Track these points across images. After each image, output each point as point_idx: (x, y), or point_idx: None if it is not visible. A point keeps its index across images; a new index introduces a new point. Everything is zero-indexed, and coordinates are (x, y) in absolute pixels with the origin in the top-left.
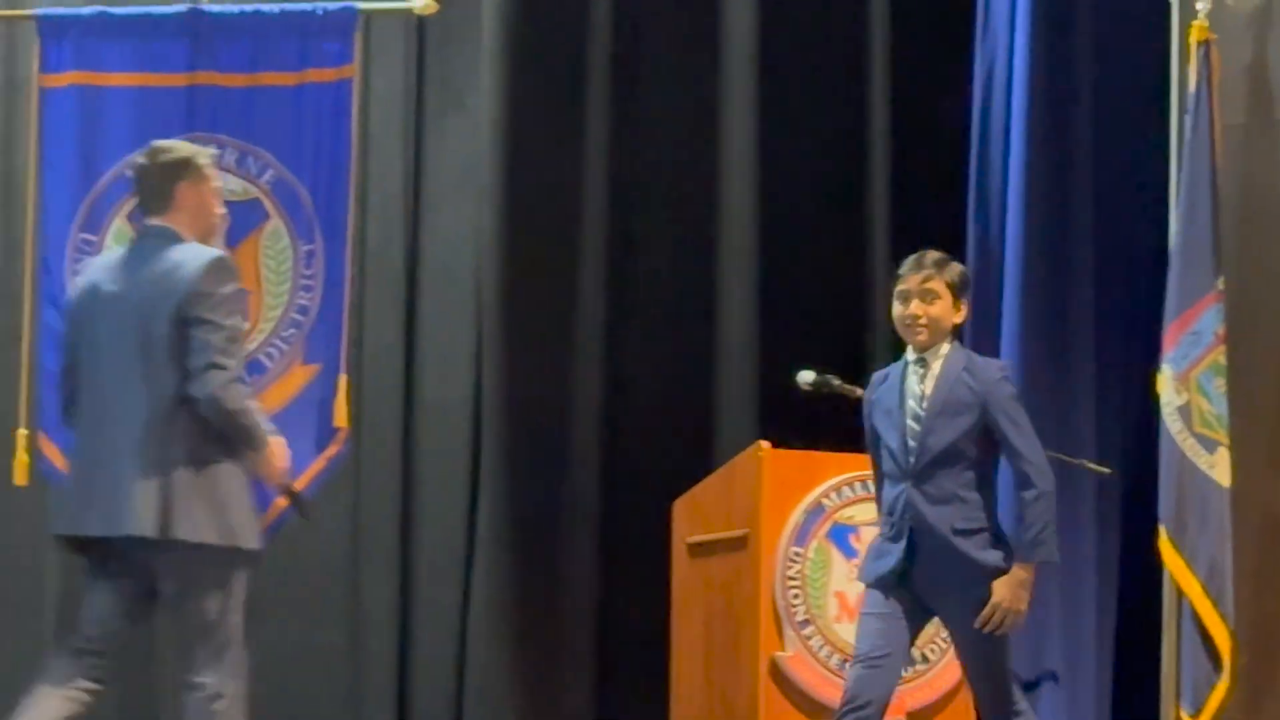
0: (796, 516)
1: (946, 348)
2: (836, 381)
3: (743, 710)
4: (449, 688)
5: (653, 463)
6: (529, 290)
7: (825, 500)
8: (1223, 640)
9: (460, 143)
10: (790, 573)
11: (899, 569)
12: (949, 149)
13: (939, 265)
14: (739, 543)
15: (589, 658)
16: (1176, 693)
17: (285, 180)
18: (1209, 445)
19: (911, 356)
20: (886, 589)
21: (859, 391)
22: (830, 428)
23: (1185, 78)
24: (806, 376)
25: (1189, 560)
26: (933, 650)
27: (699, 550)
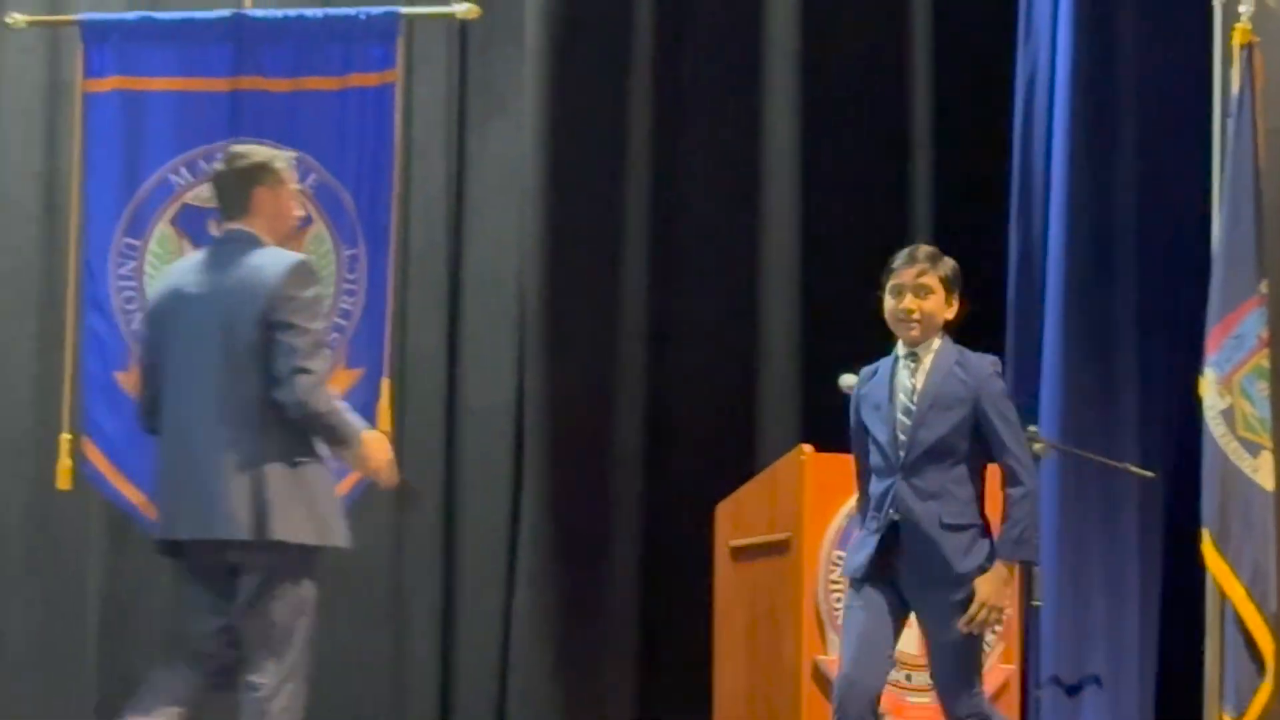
0: (839, 520)
1: (938, 342)
2: None
3: (785, 713)
4: (492, 691)
5: (695, 466)
6: (571, 294)
7: None
8: (1266, 643)
9: (503, 147)
10: (832, 576)
11: (876, 560)
12: (991, 152)
13: (932, 259)
14: (781, 546)
15: (631, 661)
16: (1219, 695)
17: (328, 185)
18: (1252, 449)
19: (902, 351)
20: (867, 581)
21: None
22: None
23: (1228, 81)
24: (848, 380)
25: (1232, 563)
26: None
27: (741, 554)
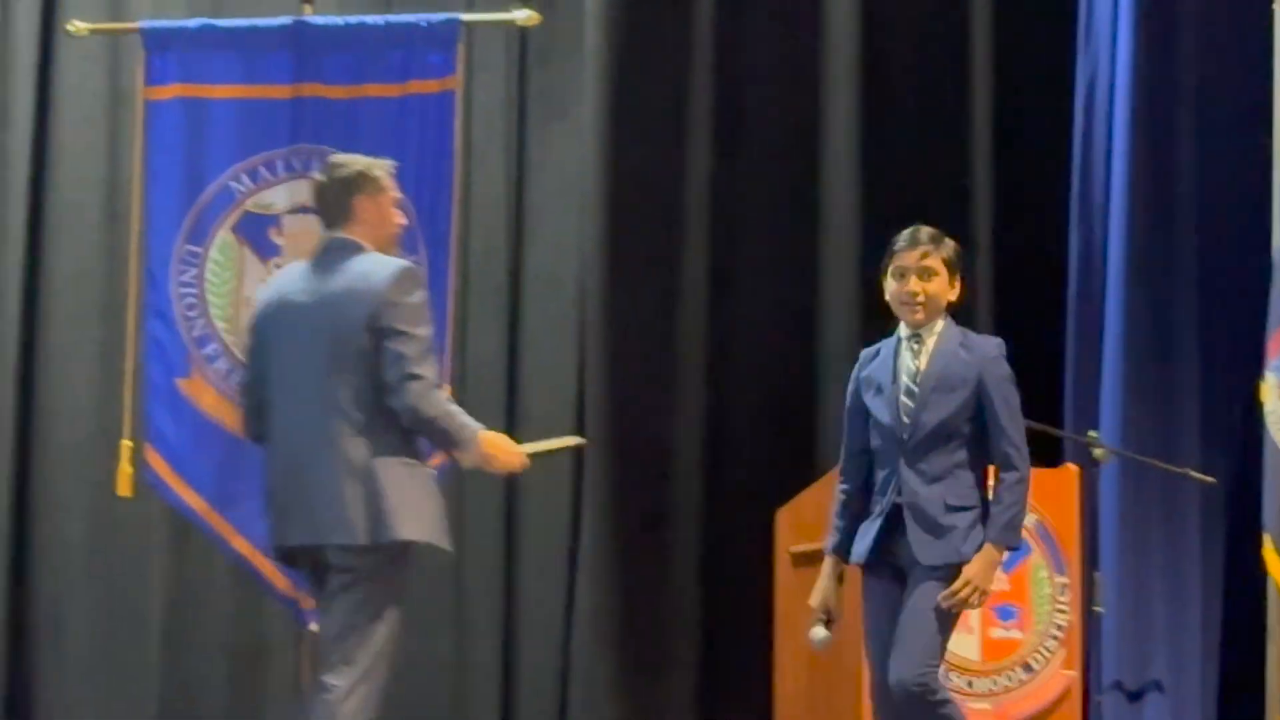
0: None
1: (941, 324)
2: None
3: (845, 718)
4: (553, 696)
5: (755, 472)
6: (632, 300)
7: None
8: None
9: (563, 153)
10: None
11: (879, 546)
12: (1052, 155)
13: (935, 241)
14: None
15: (692, 666)
16: None
17: None
18: None
19: (905, 332)
20: (874, 568)
21: None
22: None
23: None
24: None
25: None
26: (1036, 659)
27: (802, 560)
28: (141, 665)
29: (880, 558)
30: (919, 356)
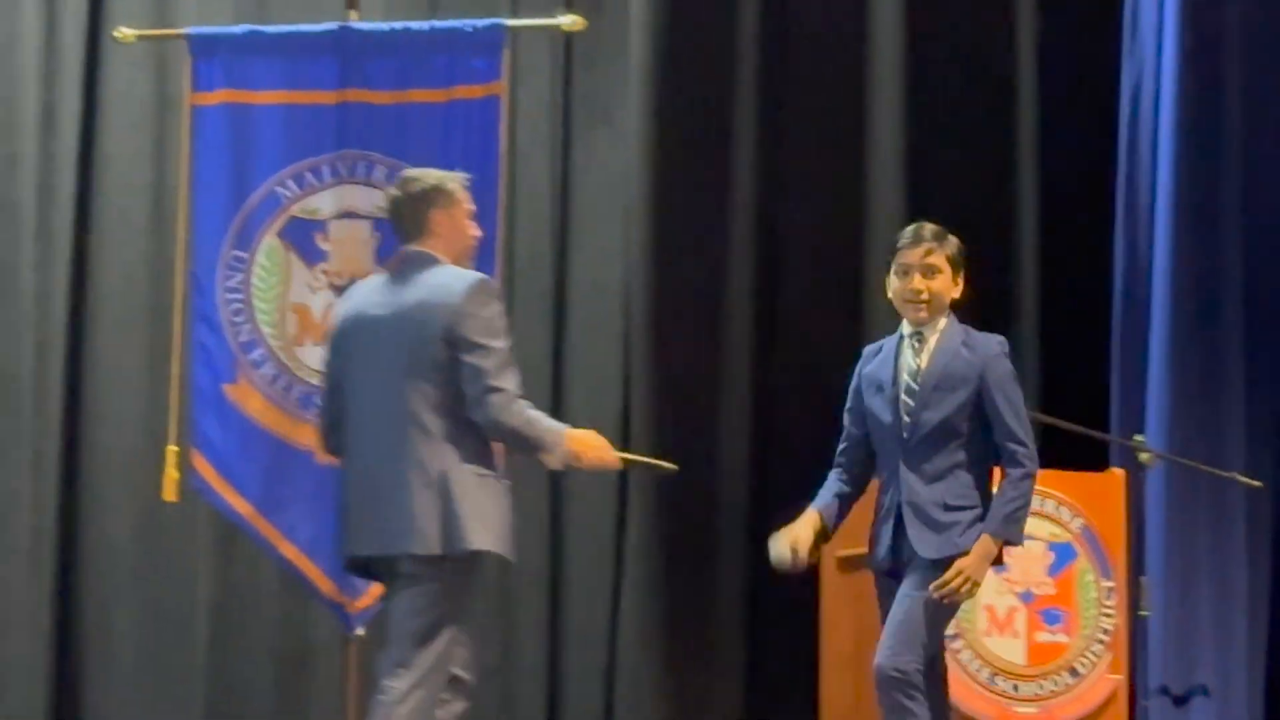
0: None
1: (944, 322)
2: None
3: None
4: (599, 699)
5: (802, 476)
6: (676, 305)
7: None
8: None
9: (608, 158)
10: None
11: (894, 550)
12: (1096, 162)
13: (939, 238)
14: None
15: (739, 670)
16: None
17: None
18: None
19: (907, 330)
20: (887, 574)
21: None
22: None
23: None
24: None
25: None
26: (1082, 663)
27: (848, 564)
28: (188, 669)
29: (895, 562)
30: (920, 355)
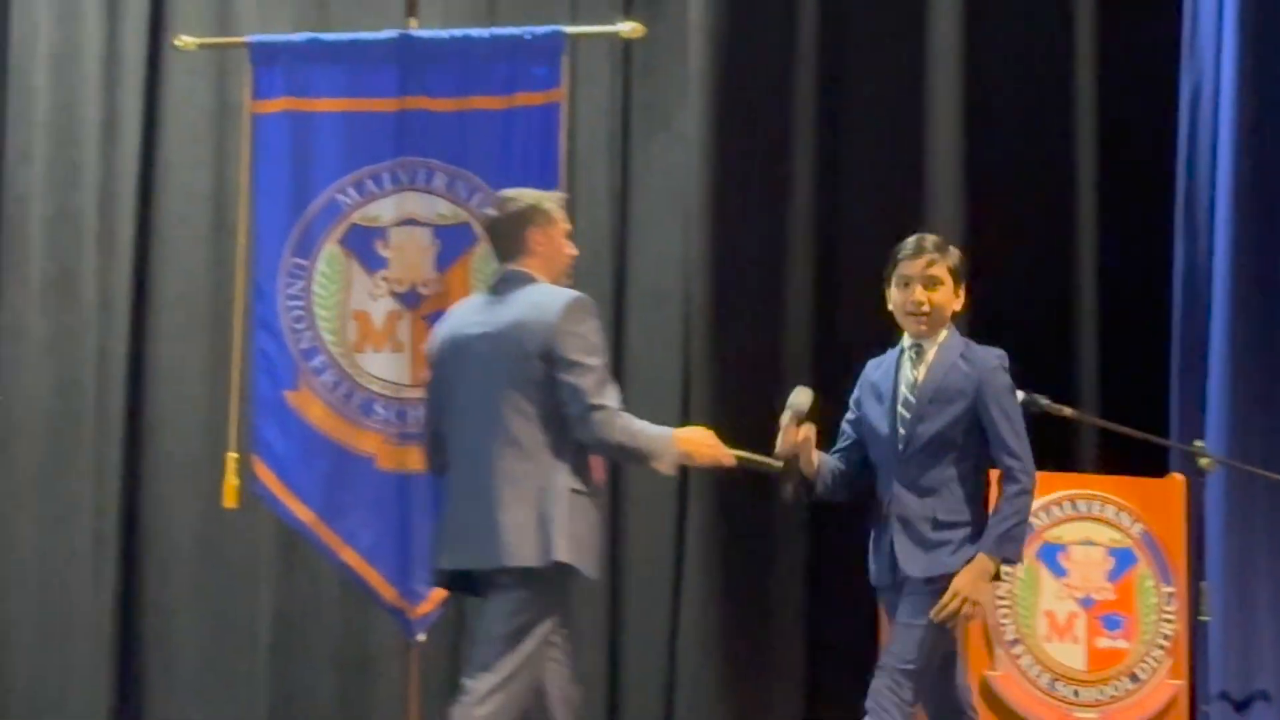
0: None
1: (944, 334)
2: (1044, 401)
3: None
4: (659, 706)
5: None
6: (736, 310)
7: (1034, 519)
8: None
9: (667, 164)
10: (999, 592)
11: (890, 568)
12: (1156, 167)
13: (941, 249)
14: None
15: (798, 676)
16: None
17: None
18: None
19: (907, 343)
20: (888, 588)
21: (1067, 411)
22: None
23: None
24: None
25: None
26: (1143, 669)
27: None
28: (249, 676)
29: (893, 578)
30: (918, 367)
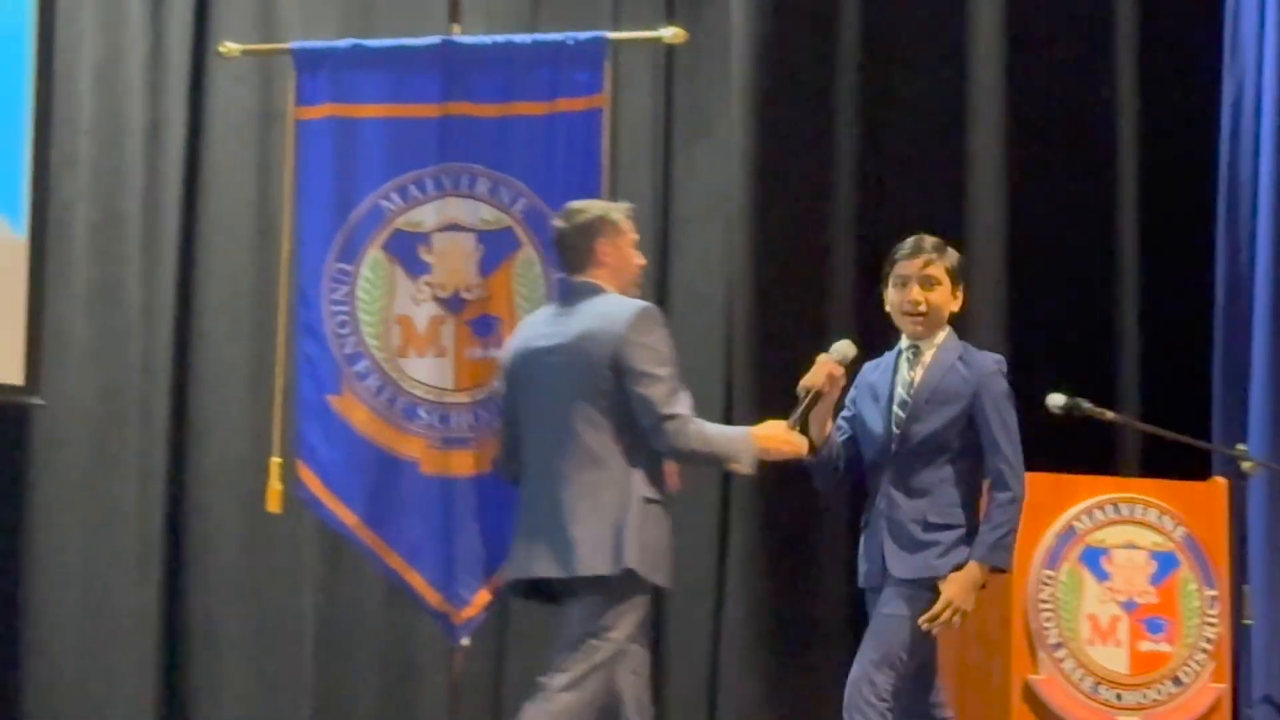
0: (1048, 539)
1: (942, 336)
2: (1087, 405)
3: None
4: (702, 706)
5: None
6: (779, 315)
7: (1077, 523)
8: None
9: (710, 170)
10: (1042, 596)
11: (882, 568)
12: (1199, 170)
13: (939, 250)
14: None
15: (842, 677)
16: None
17: (537, 209)
18: None
19: (905, 344)
20: (876, 590)
21: (1110, 414)
22: (1081, 451)
23: None
24: (1057, 400)
25: None
26: (1186, 673)
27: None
28: (293, 680)
29: (883, 578)
30: (915, 368)
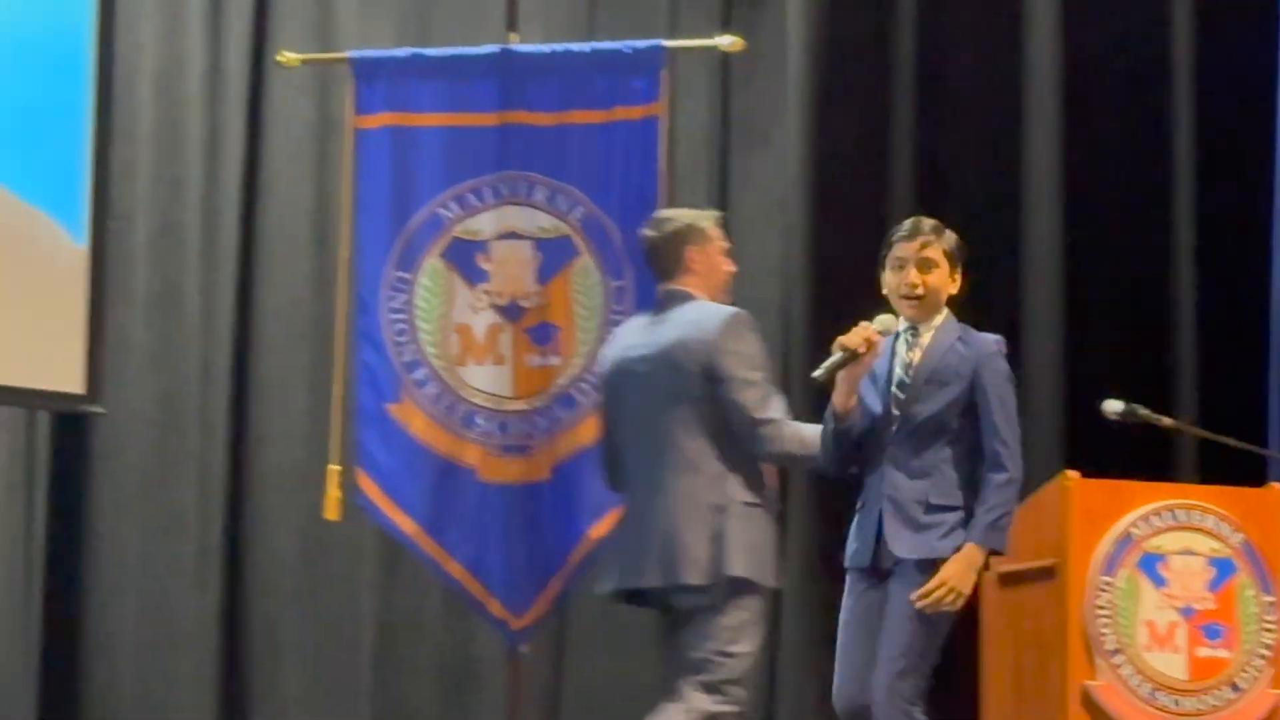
0: (1105, 546)
1: (940, 317)
2: (1144, 411)
3: None
4: (760, 707)
5: None
6: (836, 323)
7: (1134, 529)
8: None
9: (766, 178)
10: (1099, 602)
11: (873, 547)
12: (1255, 173)
13: (937, 232)
14: (1047, 572)
15: None
16: None
17: (595, 217)
18: None
19: (903, 325)
20: (862, 574)
21: (1167, 420)
22: (1138, 456)
23: None
24: (1114, 406)
25: None
26: (1243, 678)
27: (1008, 580)
28: (353, 687)
29: (875, 560)
30: (914, 349)
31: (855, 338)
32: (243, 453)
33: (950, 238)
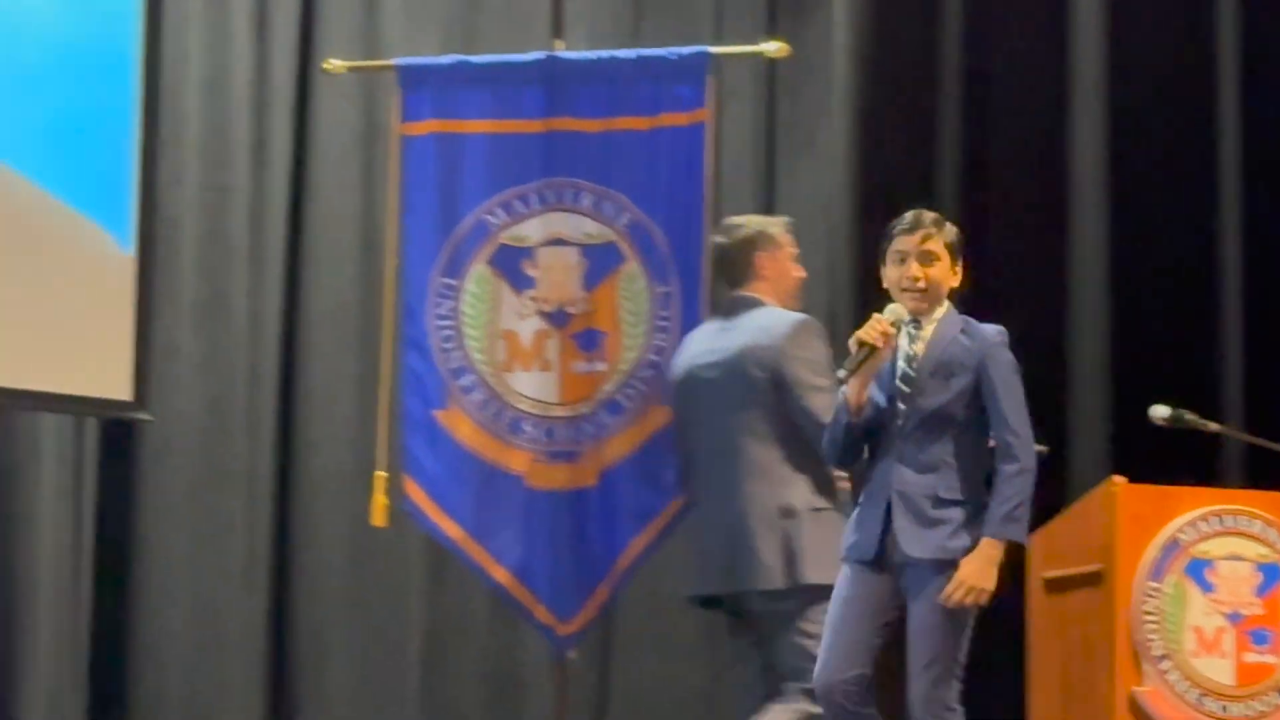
0: (1152, 552)
1: (942, 310)
2: (1191, 416)
3: None
4: None
5: None
6: None
7: (1181, 535)
8: None
9: (812, 184)
10: (1147, 608)
11: (878, 541)
12: None
13: (938, 225)
14: (1094, 578)
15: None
16: None
17: (641, 223)
18: None
19: (905, 318)
20: (863, 565)
21: (1214, 425)
22: (1185, 462)
23: None
24: (1160, 412)
25: None
26: None
27: (1055, 586)
28: (401, 693)
29: (880, 553)
30: (917, 341)
31: (872, 332)
32: (290, 459)
33: (951, 230)
